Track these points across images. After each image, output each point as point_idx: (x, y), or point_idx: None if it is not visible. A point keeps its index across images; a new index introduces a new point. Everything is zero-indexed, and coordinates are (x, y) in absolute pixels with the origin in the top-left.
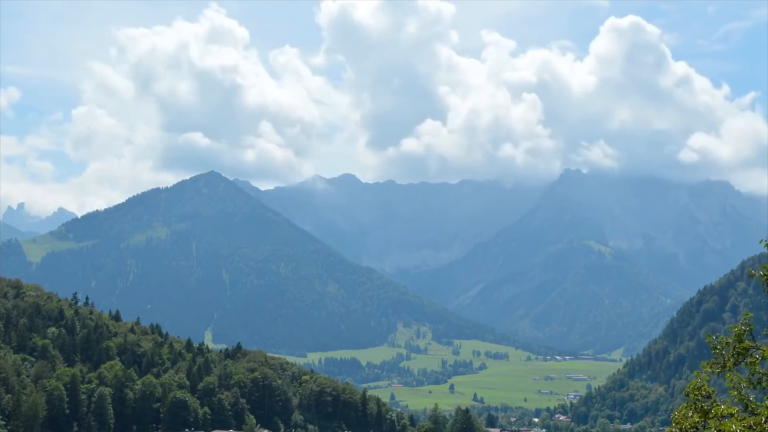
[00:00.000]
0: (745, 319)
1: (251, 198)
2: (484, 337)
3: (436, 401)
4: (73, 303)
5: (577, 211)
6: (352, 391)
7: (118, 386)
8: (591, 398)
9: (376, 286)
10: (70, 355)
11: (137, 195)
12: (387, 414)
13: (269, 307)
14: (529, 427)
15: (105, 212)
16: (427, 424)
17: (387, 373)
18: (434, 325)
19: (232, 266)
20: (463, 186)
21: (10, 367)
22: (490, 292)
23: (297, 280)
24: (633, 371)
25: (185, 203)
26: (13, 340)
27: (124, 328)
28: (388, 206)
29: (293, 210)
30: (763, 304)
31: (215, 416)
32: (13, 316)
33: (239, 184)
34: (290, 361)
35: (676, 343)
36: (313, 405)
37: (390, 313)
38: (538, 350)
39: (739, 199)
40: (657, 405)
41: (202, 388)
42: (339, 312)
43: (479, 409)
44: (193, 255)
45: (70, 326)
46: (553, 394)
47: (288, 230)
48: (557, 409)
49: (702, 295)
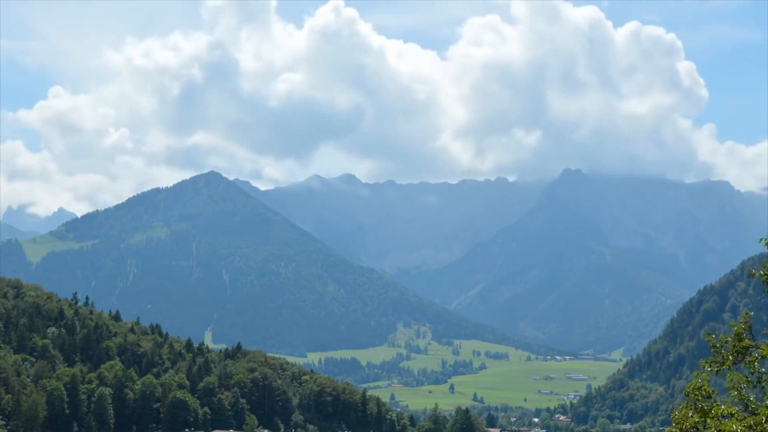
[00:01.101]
0: (745, 318)
1: (251, 198)
2: (484, 337)
3: (436, 401)
4: (73, 303)
5: (577, 211)
6: (352, 391)
7: (118, 386)
8: (591, 398)
9: (376, 286)
10: (70, 355)
11: (137, 195)
12: (387, 414)
13: (269, 307)
14: (529, 427)
15: (105, 212)
16: (427, 424)
17: (387, 373)
18: (434, 325)
19: (232, 266)
20: (463, 186)
21: (10, 367)
22: (490, 292)
23: (297, 280)
24: (633, 371)
25: (185, 203)
26: (13, 340)
27: (124, 328)
28: (388, 206)
29: (293, 210)
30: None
31: (215, 416)
32: (13, 316)
33: (239, 184)
34: (290, 361)
35: (676, 343)
36: (313, 405)
37: (390, 313)
38: (538, 350)
39: (739, 199)
40: (657, 405)
41: (202, 388)
42: (339, 312)
43: (479, 409)
44: (193, 255)
45: (70, 326)
46: (553, 394)
47: (288, 230)
48: (557, 409)
49: (702, 295)
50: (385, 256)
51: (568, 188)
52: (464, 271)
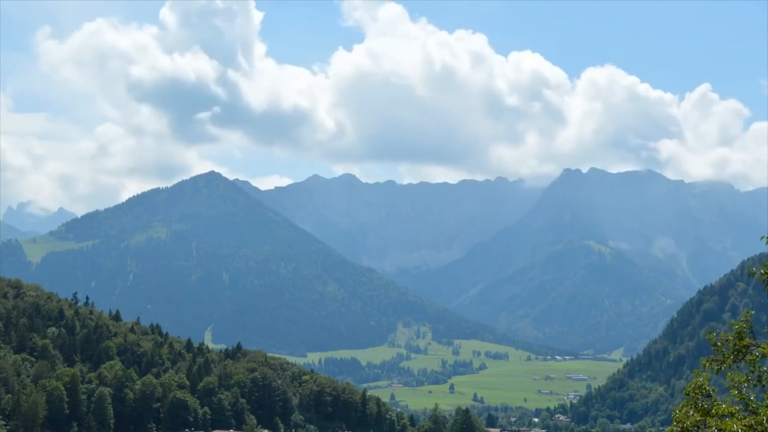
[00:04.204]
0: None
1: (251, 198)
2: (484, 337)
3: (436, 401)
4: (73, 303)
5: (577, 211)
6: (352, 391)
7: (118, 386)
8: (591, 398)
9: (376, 286)
10: (70, 355)
11: (137, 195)
12: (387, 414)
13: (269, 307)
14: (529, 427)
15: (105, 212)
16: (427, 424)
17: (387, 373)
18: (434, 325)
19: (232, 266)
20: (463, 186)
21: (10, 367)
22: (490, 292)
23: (297, 280)
24: (633, 371)
25: (185, 203)
26: (13, 340)
27: (124, 328)
28: (388, 206)
29: (293, 210)
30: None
31: (215, 416)
32: (13, 316)
33: (239, 184)
34: (290, 361)
35: (676, 343)
36: (313, 405)
37: (390, 313)
38: (538, 350)
39: (739, 199)
40: (657, 405)
41: (202, 388)
42: (339, 312)
43: (479, 409)
44: (193, 255)
45: (70, 326)
46: (553, 394)
47: (288, 230)
48: (557, 409)
49: (702, 295)
50: (385, 256)
51: (568, 188)
52: (464, 271)
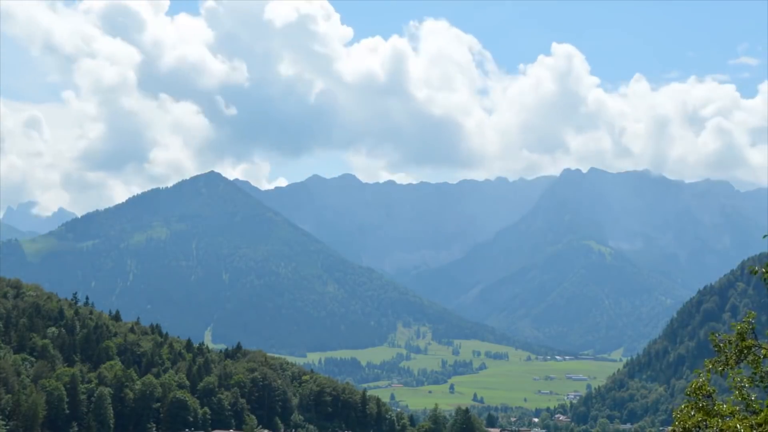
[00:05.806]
0: (748, 317)
1: (251, 198)
2: (484, 337)
3: (436, 401)
4: (73, 303)
5: (577, 211)
6: (352, 391)
7: (118, 386)
8: (591, 398)
9: (376, 286)
10: (69, 355)
11: (137, 195)
12: (387, 414)
13: (269, 307)
14: (529, 427)
15: (105, 212)
16: (427, 424)
17: (387, 373)
18: (434, 325)
19: (232, 266)
20: (463, 186)
21: (10, 367)
22: (490, 292)
23: (297, 280)
24: (633, 371)
25: (185, 203)
26: (13, 340)
27: (124, 328)
28: (388, 206)
29: (293, 210)
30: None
31: (215, 416)
32: (13, 316)
33: (239, 184)
34: (290, 361)
35: (676, 343)
36: (312, 405)
37: (390, 313)
38: (538, 350)
39: (739, 199)
40: (657, 405)
41: (202, 388)
42: (339, 312)
43: (479, 409)
44: (193, 255)
45: (70, 326)
46: (553, 394)
47: (288, 230)
48: (557, 409)
49: (702, 295)
50: (385, 256)
51: (568, 188)
52: (464, 271)
